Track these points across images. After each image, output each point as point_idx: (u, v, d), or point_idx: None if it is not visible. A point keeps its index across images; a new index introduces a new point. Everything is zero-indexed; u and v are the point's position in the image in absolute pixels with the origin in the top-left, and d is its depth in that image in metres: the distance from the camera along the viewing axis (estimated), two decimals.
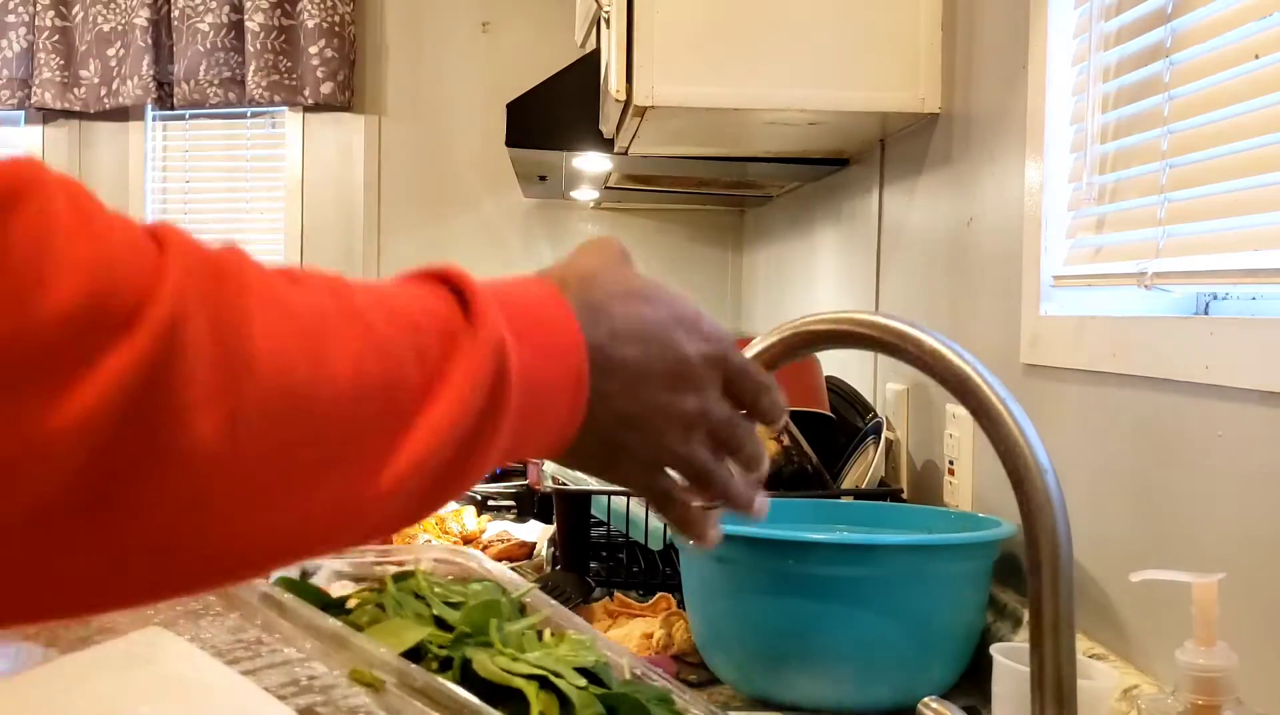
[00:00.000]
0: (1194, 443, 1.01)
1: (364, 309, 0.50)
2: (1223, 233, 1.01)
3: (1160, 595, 1.03)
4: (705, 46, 1.64)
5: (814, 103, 1.67)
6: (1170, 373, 1.03)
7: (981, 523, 1.29)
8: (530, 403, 0.56)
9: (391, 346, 0.50)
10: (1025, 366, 1.33)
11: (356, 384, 0.48)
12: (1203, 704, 0.76)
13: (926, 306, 1.72)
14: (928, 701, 0.90)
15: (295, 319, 0.46)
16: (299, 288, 0.48)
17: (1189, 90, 1.07)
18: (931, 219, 1.71)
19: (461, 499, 2.27)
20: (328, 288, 0.50)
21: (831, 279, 2.34)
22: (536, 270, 0.69)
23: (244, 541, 0.46)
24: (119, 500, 0.41)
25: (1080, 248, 1.26)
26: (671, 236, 3.68)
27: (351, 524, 0.50)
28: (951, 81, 1.63)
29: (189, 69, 3.62)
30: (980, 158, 1.51)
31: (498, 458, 0.55)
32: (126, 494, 0.41)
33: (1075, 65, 1.27)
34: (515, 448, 0.57)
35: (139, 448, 0.41)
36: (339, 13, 3.55)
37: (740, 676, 1.24)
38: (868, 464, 1.63)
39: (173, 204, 3.82)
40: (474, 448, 0.53)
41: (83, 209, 0.41)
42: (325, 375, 0.46)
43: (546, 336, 0.58)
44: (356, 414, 0.48)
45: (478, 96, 3.57)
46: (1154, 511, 1.08)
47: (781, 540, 1.18)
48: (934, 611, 1.18)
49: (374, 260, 3.70)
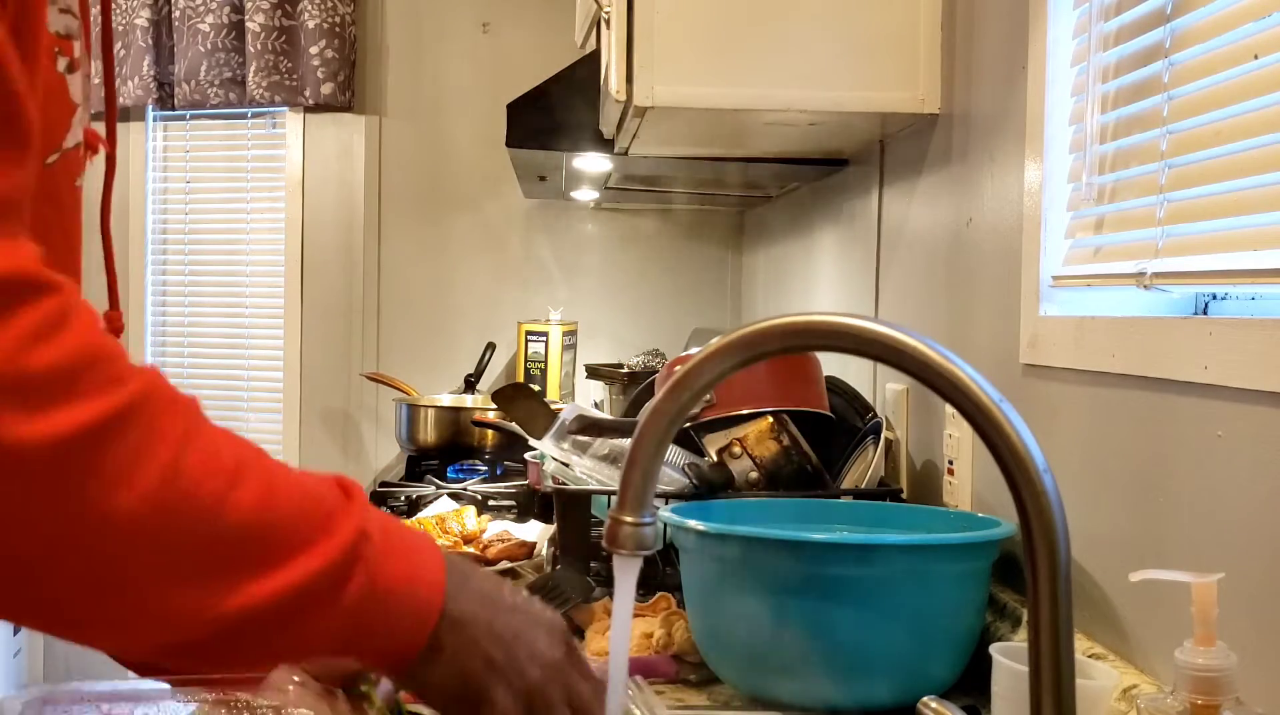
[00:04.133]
0: (1193, 443, 1.01)
1: (275, 472, 0.60)
2: (1222, 233, 1.01)
3: (1160, 595, 1.03)
4: (705, 46, 1.64)
5: (814, 103, 1.67)
6: (1170, 373, 1.03)
7: (981, 523, 1.29)
8: (377, 603, 0.62)
9: (285, 503, 0.59)
10: (1025, 367, 1.33)
11: (248, 520, 0.57)
12: (1202, 704, 0.76)
13: (926, 307, 1.72)
14: (927, 701, 0.90)
15: (221, 456, 0.57)
16: (230, 436, 0.60)
17: (1188, 90, 1.07)
18: (931, 219, 1.71)
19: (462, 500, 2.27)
20: (251, 446, 0.61)
21: (831, 279, 2.34)
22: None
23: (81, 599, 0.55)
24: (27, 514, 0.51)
25: (1079, 248, 1.26)
26: (671, 236, 3.68)
27: (168, 630, 0.57)
28: (951, 82, 1.63)
29: (189, 69, 3.62)
30: (980, 158, 1.51)
31: (327, 641, 0.62)
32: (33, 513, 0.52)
33: (1075, 65, 1.27)
34: (357, 639, 0.62)
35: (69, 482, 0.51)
36: (339, 13, 3.55)
37: (740, 676, 1.24)
38: (868, 464, 1.63)
39: (173, 204, 3.82)
40: (303, 617, 0.59)
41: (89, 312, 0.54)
42: (229, 503, 0.56)
43: (411, 567, 0.64)
44: (240, 540, 0.57)
45: (478, 96, 3.57)
46: (1154, 511, 1.08)
47: (781, 540, 1.18)
48: (934, 611, 1.18)
49: (374, 260, 3.70)
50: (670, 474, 1.58)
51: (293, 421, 3.71)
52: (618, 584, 0.74)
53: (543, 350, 3.27)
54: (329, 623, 0.61)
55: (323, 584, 0.59)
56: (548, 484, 1.67)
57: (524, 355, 3.28)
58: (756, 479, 1.58)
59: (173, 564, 0.55)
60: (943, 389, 0.67)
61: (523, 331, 3.29)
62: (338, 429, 3.72)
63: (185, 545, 0.56)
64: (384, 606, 0.62)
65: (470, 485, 2.47)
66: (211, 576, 0.57)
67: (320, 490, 0.62)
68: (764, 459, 1.59)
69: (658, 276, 3.70)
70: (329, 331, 3.71)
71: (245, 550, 0.58)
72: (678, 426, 0.75)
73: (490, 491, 2.38)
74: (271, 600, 0.58)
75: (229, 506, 0.56)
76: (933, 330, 1.52)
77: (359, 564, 0.61)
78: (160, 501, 0.54)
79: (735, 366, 0.73)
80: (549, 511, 1.84)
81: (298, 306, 3.71)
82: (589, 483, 1.62)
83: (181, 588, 0.56)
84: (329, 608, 0.60)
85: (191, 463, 0.55)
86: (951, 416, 1.54)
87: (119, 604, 0.56)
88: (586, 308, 3.64)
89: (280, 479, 0.60)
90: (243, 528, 0.57)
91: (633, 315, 3.69)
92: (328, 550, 0.59)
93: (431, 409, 2.85)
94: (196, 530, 0.56)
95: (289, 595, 0.58)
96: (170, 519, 0.55)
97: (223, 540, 0.57)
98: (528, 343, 3.28)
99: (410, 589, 0.64)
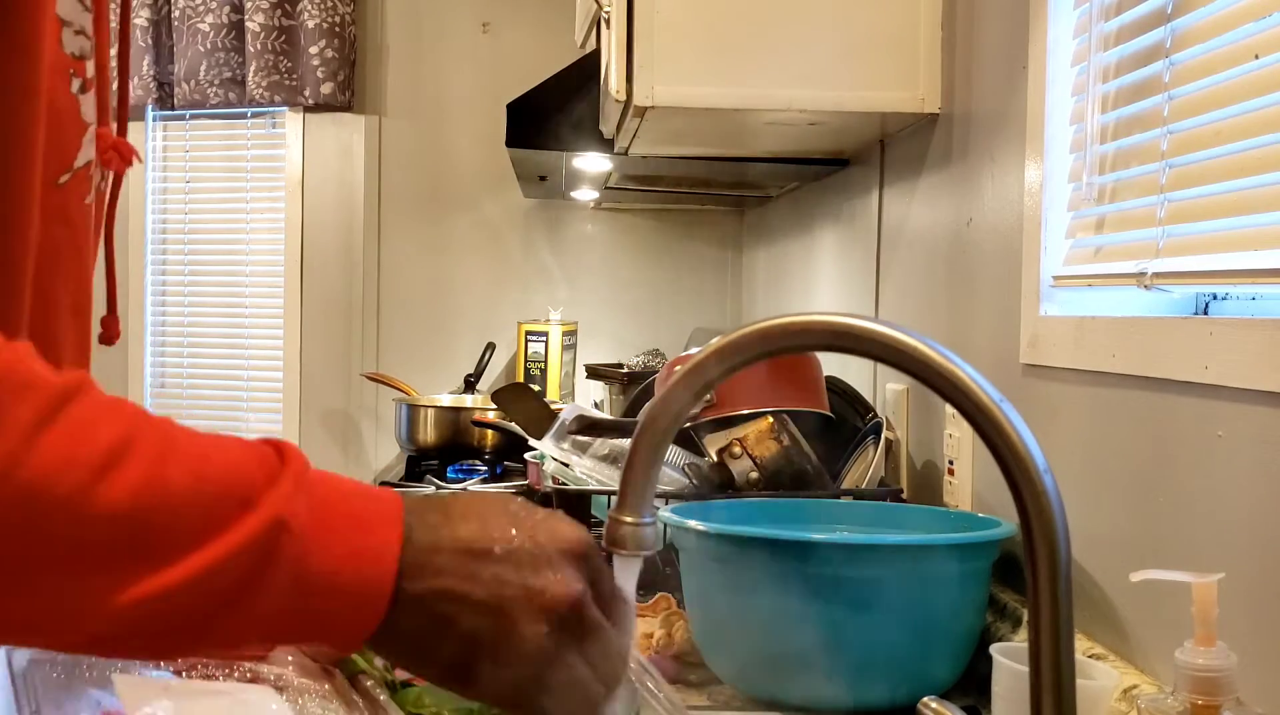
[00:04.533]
0: (1194, 443, 1.01)
1: (174, 453, 0.56)
2: (1222, 233, 1.01)
3: (1160, 595, 1.03)
4: (705, 46, 1.64)
5: (814, 103, 1.67)
6: (1170, 373, 1.03)
7: (981, 523, 1.29)
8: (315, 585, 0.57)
9: (179, 491, 0.55)
10: (1025, 367, 1.33)
11: (119, 512, 0.53)
12: (1202, 704, 0.76)
13: (926, 307, 1.72)
14: (927, 701, 0.90)
15: (91, 442, 0.53)
16: (116, 418, 0.55)
17: (1189, 90, 1.07)
18: (931, 219, 1.71)
19: None
20: (152, 427, 0.56)
21: (831, 279, 2.34)
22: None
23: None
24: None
25: (1080, 248, 1.26)
26: (671, 236, 3.68)
27: (75, 628, 0.55)
28: (951, 81, 1.63)
29: (189, 69, 3.62)
30: (980, 158, 1.51)
31: (255, 630, 0.58)
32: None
33: (1075, 65, 1.27)
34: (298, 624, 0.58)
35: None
36: (339, 13, 3.54)
37: (740, 676, 1.24)
38: (868, 464, 1.63)
39: (173, 204, 3.82)
40: (227, 605, 0.56)
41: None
42: (96, 494, 0.53)
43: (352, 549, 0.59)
44: (110, 534, 0.53)
45: (478, 96, 3.57)
46: (1154, 511, 1.08)
47: (781, 540, 1.18)
48: (934, 611, 1.18)
49: (374, 260, 3.70)
50: (670, 474, 1.58)
51: (293, 421, 3.71)
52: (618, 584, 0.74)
53: (543, 350, 3.27)
54: (248, 616, 0.57)
55: (222, 581, 0.55)
56: (548, 484, 1.67)
57: (524, 355, 3.28)
58: (756, 479, 1.58)
59: (37, 558, 0.53)
60: (943, 389, 0.67)
61: (523, 331, 3.29)
62: (338, 429, 3.72)
63: (36, 542, 0.53)
64: (316, 600, 0.58)
65: (470, 485, 2.47)
66: (90, 571, 0.53)
67: (237, 472, 0.57)
68: (764, 459, 1.59)
69: (658, 276, 3.70)
70: (329, 331, 3.71)
71: (121, 543, 0.54)
72: (678, 426, 0.75)
73: (490, 491, 2.38)
74: (162, 596, 0.54)
75: (94, 497, 0.53)
76: (933, 330, 1.52)
77: (272, 557, 0.56)
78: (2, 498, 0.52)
79: (735, 366, 0.73)
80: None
81: (297, 307, 3.71)
82: (589, 483, 1.62)
83: (46, 585, 0.53)
84: (241, 603, 0.56)
85: (41, 454, 0.52)
86: (951, 416, 1.54)
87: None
88: (586, 308, 3.64)
89: (178, 462, 0.55)
90: (112, 520, 0.53)
91: (633, 315, 3.69)
92: (225, 545, 0.55)
93: (431, 409, 2.85)
94: (48, 526, 0.52)
95: (181, 591, 0.54)
96: (11, 515, 0.52)
97: (90, 533, 0.53)
98: (528, 343, 3.28)
99: (351, 576, 0.58)
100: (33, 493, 0.52)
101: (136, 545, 0.54)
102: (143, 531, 0.54)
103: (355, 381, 3.63)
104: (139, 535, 0.54)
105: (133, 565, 0.54)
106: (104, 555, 0.53)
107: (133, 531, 0.54)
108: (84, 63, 0.75)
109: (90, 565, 0.53)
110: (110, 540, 0.53)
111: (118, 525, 0.53)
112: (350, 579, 0.58)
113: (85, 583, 0.53)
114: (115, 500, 0.53)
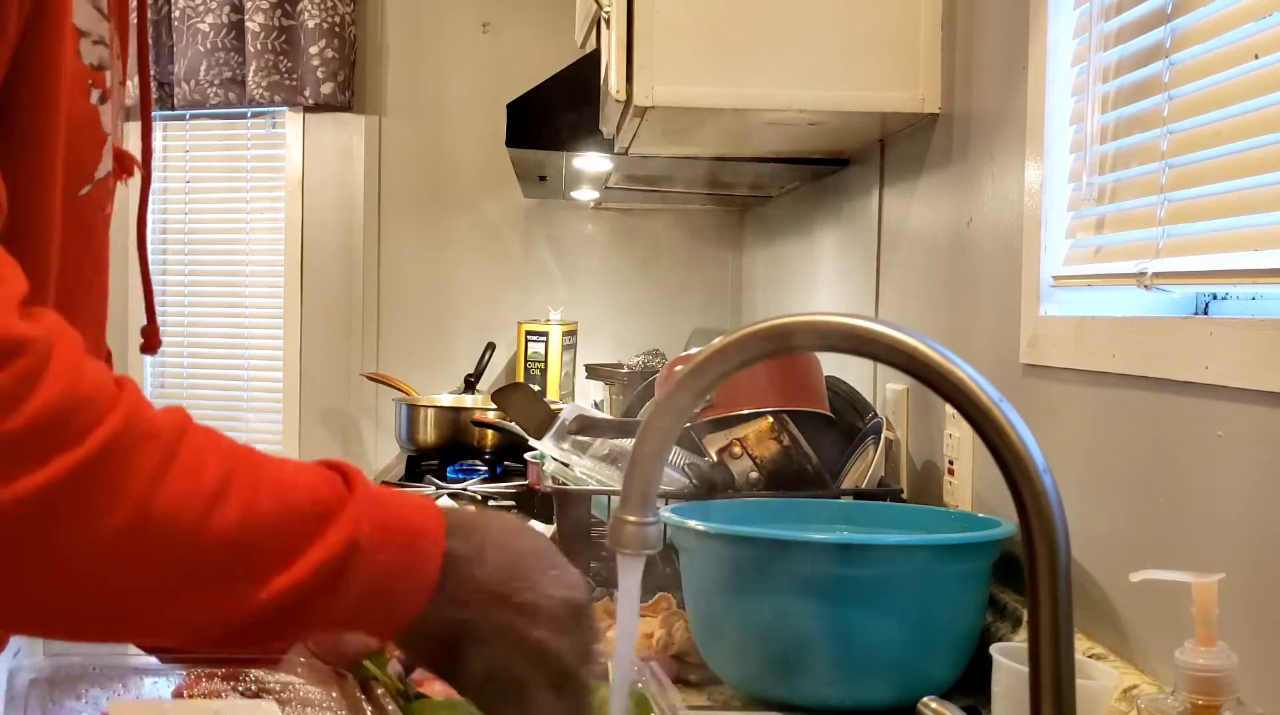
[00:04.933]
0: (1194, 443, 1.01)
1: (262, 483, 0.64)
2: (1222, 233, 1.01)
3: (1160, 595, 1.03)
4: (705, 46, 1.64)
5: (814, 103, 1.67)
6: (1170, 373, 1.03)
7: (981, 523, 1.29)
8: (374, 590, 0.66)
9: (272, 517, 0.63)
10: (1025, 367, 1.33)
11: (230, 538, 0.62)
12: (1203, 704, 0.76)
13: (926, 307, 1.72)
14: (927, 701, 0.90)
15: (202, 480, 0.61)
16: (216, 454, 0.63)
17: (1189, 90, 1.07)
18: (931, 219, 1.71)
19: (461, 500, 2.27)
20: (242, 458, 0.65)
21: (831, 279, 2.34)
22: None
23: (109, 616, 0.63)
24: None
25: (1080, 248, 1.26)
26: (671, 236, 3.68)
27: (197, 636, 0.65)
28: (951, 81, 1.63)
29: (189, 69, 3.62)
30: (980, 158, 1.51)
31: (329, 625, 0.69)
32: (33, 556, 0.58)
33: (1075, 65, 1.27)
34: (356, 619, 0.68)
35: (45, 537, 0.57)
36: (339, 13, 3.54)
37: (740, 676, 1.24)
38: (868, 464, 1.63)
39: (173, 204, 3.82)
40: (307, 615, 0.65)
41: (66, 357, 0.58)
42: (211, 524, 0.61)
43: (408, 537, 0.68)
44: (225, 557, 0.62)
45: (478, 96, 3.57)
46: (1154, 511, 1.08)
47: (782, 540, 1.18)
48: (934, 611, 1.18)
49: (374, 260, 3.70)
50: (670, 474, 1.58)
51: (292, 421, 3.71)
52: (622, 584, 0.74)
53: (543, 350, 3.27)
54: (325, 616, 0.66)
55: (309, 590, 0.64)
56: (548, 484, 1.67)
57: (524, 355, 3.28)
58: (756, 479, 1.58)
59: (171, 581, 0.61)
60: (943, 389, 0.67)
61: (523, 331, 3.29)
62: (338, 429, 3.72)
63: (169, 569, 0.61)
64: (371, 601, 0.67)
65: (470, 485, 2.47)
66: (209, 588, 0.62)
67: (313, 497, 0.65)
68: (764, 459, 1.59)
69: (658, 276, 3.70)
70: (329, 331, 3.71)
71: (230, 564, 0.62)
72: (680, 426, 0.75)
73: (490, 491, 2.38)
74: (268, 606, 0.63)
75: (209, 527, 0.61)
76: (933, 330, 1.52)
77: (347, 568, 0.65)
78: (136, 536, 0.59)
79: (737, 366, 0.73)
80: (549, 511, 1.84)
81: (298, 306, 3.71)
82: (589, 483, 1.62)
83: (178, 602, 0.62)
84: (321, 607, 0.65)
85: (166, 494, 0.60)
86: (951, 416, 1.54)
87: (118, 623, 0.64)
88: (586, 308, 3.64)
89: (267, 490, 0.64)
90: (224, 545, 0.62)
91: (633, 315, 3.69)
92: (310, 561, 0.64)
93: (431, 409, 2.85)
94: (177, 555, 0.61)
95: (279, 602, 0.63)
96: (149, 548, 0.60)
97: (208, 556, 0.62)
98: (528, 343, 3.28)
99: (397, 584, 0.67)
100: (164, 528, 0.60)
101: (243, 565, 0.62)
102: (247, 553, 0.62)
103: (355, 381, 3.63)
104: (244, 557, 0.62)
105: (243, 582, 0.62)
106: (218, 575, 0.62)
107: (240, 554, 0.62)
108: (103, 73, 0.75)
109: (209, 584, 0.62)
110: (222, 561, 0.62)
111: (228, 550, 0.62)
112: (397, 585, 0.67)
113: (205, 598, 0.62)
114: (225, 528, 0.61)
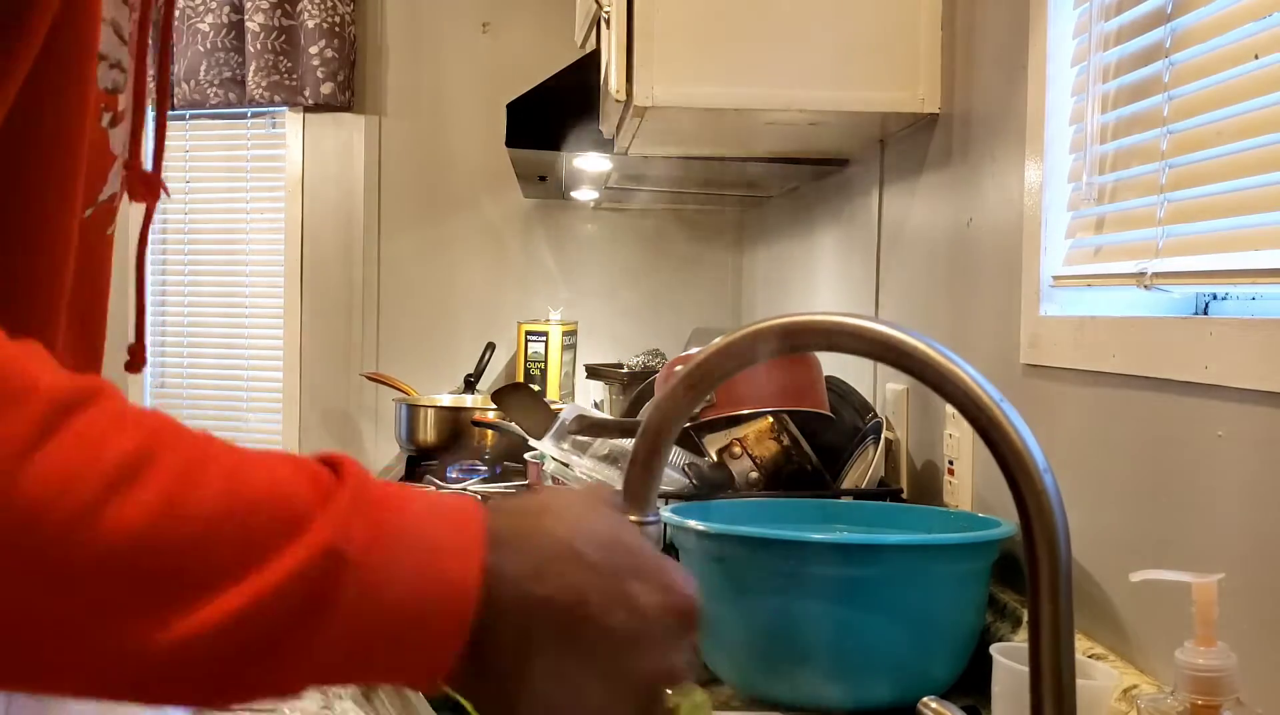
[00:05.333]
0: (1194, 443, 1.01)
1: (203, 472, 0.48)
2: (1222, 233, 1.01)
3: (1160, 595, 1.03)
4: (705, 46, 1.64)
5: (814, 103, 1.67)
6: (1170, 373, 1.03)
7: (981, 523, 1.29)
8: (379, 625, 0.49)
9: (203, 514, 0.47)
10: (1025, 367, 1.33)
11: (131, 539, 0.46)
12: (1202, 704, 0.76)
13: (926, 307, 1.72)
14: (927, 701, 0.90)
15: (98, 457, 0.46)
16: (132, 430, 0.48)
17: (1189, 90, 1.07)
18: (931, 219, 1.71)
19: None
20: (180, 440, 0.49)
21: (831, 279, 2.34)
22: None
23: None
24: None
25: (1080, 248, 1.26)
26: (671, 236, 3.68)
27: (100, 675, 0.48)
28: (951, 81, 1.63)
29: (189, 69, 3.62)
30: (980, 158, 1.51)
31: (321, 671, 0.50)
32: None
33: (1075, 65, 1.27)
34: (360, 668, 0.51)
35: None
36: (339, 13, 3.54)
37: (740, 676, 1.24)
38: (868, 464, 1.63)
39: (173, 204, 3.82)
40: (274, 648, 0.48)
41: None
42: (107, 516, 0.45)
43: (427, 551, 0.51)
44: (131, 565, 0.46)
45: (478, 96, 3.57)
46: (1154, 511, 1.08)
47: (781, 540, 1.18)
48: (934, 611, 1.18)
49: (374, 260, 3.70)
50: (670, 474, 1.58)
51: (292, 421, 3.71)
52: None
53: (543, 350, 3.27)
54: (300, 661, 0.49)
55: (265, 621, 0.47)
56: (547, 484, 1.67)
57: (524, 355, 3.28)
58: (756, 479, 1.58)
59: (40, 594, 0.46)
60: (943, 389, 0.67)
61: (523, 331, 3.29)
62: (338, 429, 3.72)
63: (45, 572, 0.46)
64: (381, 641, 0.50)
65: (470, 485, 2.47)
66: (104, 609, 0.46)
67: (280, 493, 0.49)
68: (764, 459, 1.59)
69: (658, 277, 3.69)
70: (329, 331, 3.71)
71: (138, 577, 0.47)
72: (680, 426, 0.75)
73: (490, 491, 2.38)
74: (195, 640, 0.47)
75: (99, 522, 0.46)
76: (933, 330, 1.52)
77: (327, 593, 0.48)
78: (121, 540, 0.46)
79: (737, 366, 0.73)
80: None
81: (298, 306, 3.71)
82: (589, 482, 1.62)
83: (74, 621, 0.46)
84: (290, 646, 0.48)
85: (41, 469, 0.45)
86: (951, 416, 1.54)
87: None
88: (586, 308, 3.64)
89: (208, 483, 0.48)
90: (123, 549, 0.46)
91: (633, 315, 3.69)
92: (265, 579, 0.47)
93: (431, 409, 2.85)
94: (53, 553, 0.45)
95: (217, 635, 0.47)
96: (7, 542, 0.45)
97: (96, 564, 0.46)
98: (528, 343, 3.28)
99: (420, 610, 0.50)
100: (28, 517, 0.44)
101: (157, 580, 0.46)
102: (163, 563, 0.46)
103: (355, 381, 3.63)
104: (159, 568, 0.46)
105: (154, 603, 0.46)
106: (116, 590, 0.46)
107: (152, 563, 0.46)
108: (116, 97, 0.74)
109: (101, 602, 0.46)
110: (123, 573, 0.46)
111: (130, 555, 0.46)
112: (414, 615, 0.50)
113: (100, 622, 0.46)
114: (125, 526, 0.45)
